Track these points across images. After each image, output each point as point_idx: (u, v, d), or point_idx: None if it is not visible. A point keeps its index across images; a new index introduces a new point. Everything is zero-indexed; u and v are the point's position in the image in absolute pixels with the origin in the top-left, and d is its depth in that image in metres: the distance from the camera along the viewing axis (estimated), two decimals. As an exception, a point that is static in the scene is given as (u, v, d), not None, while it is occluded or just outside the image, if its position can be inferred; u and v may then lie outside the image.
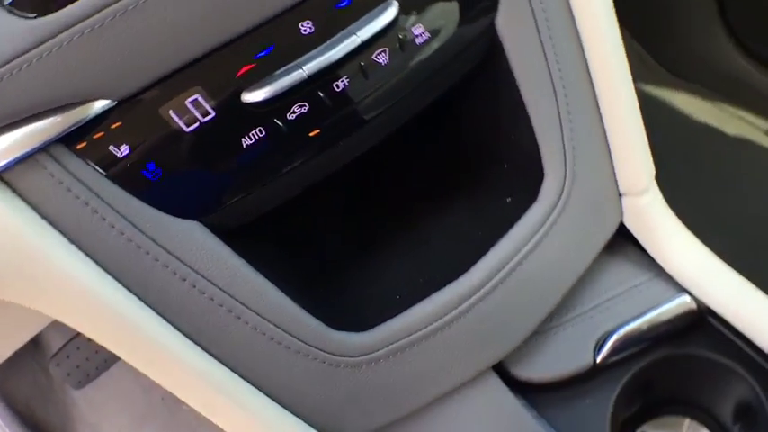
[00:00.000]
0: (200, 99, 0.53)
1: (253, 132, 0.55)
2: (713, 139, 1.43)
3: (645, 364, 0.69)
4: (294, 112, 0.56)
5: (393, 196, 0.75)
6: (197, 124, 0.53)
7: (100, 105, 0.50)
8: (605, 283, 0.69)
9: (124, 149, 0.52)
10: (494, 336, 0.64)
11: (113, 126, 0.51)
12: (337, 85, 0.57)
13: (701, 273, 0.68)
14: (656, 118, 1.48)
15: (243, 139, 0.55)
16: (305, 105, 0.56)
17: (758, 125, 1.45)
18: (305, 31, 0.55)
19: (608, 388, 0.68)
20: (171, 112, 0.52)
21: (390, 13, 0.56)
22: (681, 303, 0.68)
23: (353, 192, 0.75)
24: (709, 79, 1.48)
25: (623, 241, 0.70)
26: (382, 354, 0.61)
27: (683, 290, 0.68)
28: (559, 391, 0.68)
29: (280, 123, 0.56)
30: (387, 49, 0.58)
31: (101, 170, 0.52)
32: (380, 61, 0.58)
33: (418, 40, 0.59)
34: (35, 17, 0.48)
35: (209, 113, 0.53)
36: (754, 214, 1.34)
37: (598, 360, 0.67)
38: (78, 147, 0.51)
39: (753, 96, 1.44)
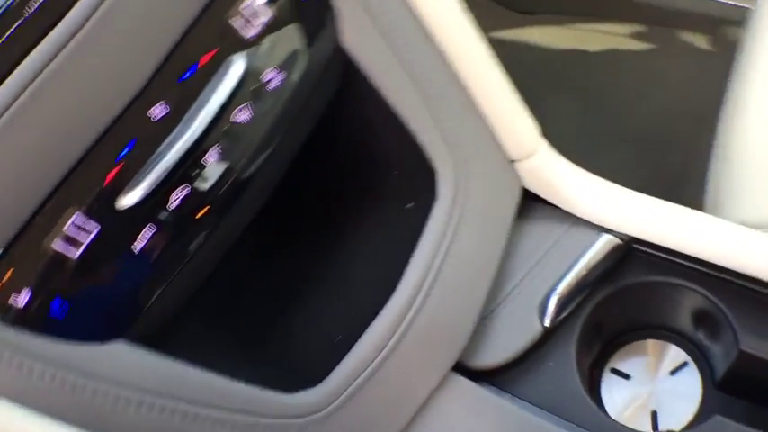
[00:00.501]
0: (78, 220, 0.51)
1: (142, 234, 0.54)
2: (581, 61, 1.46)
3: (591, 309, 0.70)
4: (177, 199, 0.55)
5: (301, 240, 0.75)
6: (84, 246, 0.52)
7: None
8: (528, 249, 0.70)
9: (25, 295, 0.51)
10: (443, 339, 0.64)
11: (7, 276, 0.50)
12: (210, 158, 0.56)
13: (613, 207, 0.69)
14: (520, 60, 1.50)
15: (134, 245, 0.54)
16: (185, 189, 0.55)
17: (616, 31, 1.48)
18: (159, 114, 0.54)
19: (564, 345, 0.69)
20: (55, 242, 0.51)
21: (238, 69, 0.56)
22: (605, 243, 0.69)
23: (262, 248, 0.74)
24: (554, 4, 1.50)
25: (531, 203, 0.71)
26: (344, 398, 0.61)
27: (602, 230, 0.69)
28: (521, 366, 0.68)
29: (166, 216, 0.54)
30: (246, 104, 0.57)
31: (10, 324, 0.50)
32: (244, 119, 0.57)
33: (273, 85, 0.58)
34: None
35: (91, 231, 0.52)
36: (639, 119, 1.38)
37: (547, 324, 0.67)
38: None
39: (601, 4, 1.47)
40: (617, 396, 0.77)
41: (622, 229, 0.68)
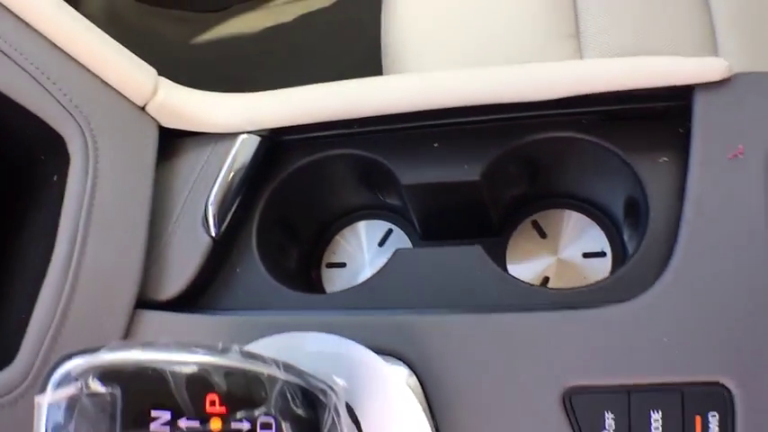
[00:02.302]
0: None
1: None
2: (283, 35, 1.51)
3: (262, 208, 0.73)
4: None
5: None
6: None
7: None
8: (182, 180, 0.71)
9: None
10: (114, 283, 0.65)
11: None
12: None
13: (246, 111, 0.71)
14: (233, 52, 1.53)
15: None
16: None
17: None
18: None
19: (247, 249, 0.72)
20: None
21: None
22: (242, 143, 0.71)
23: None
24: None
25: (179, 140, 0.73)
26: (36, 371, 0.62)
27: (236, 134, 0.72)
28: (215, 283, 0.71)
29: None
30: None
31: None
32: None
33: None
34: None
35: None
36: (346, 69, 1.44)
37: (214, 234, 0.69)
38: None
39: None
40: (340, 287, 0.79)
41: (259, 126, 0.71)
